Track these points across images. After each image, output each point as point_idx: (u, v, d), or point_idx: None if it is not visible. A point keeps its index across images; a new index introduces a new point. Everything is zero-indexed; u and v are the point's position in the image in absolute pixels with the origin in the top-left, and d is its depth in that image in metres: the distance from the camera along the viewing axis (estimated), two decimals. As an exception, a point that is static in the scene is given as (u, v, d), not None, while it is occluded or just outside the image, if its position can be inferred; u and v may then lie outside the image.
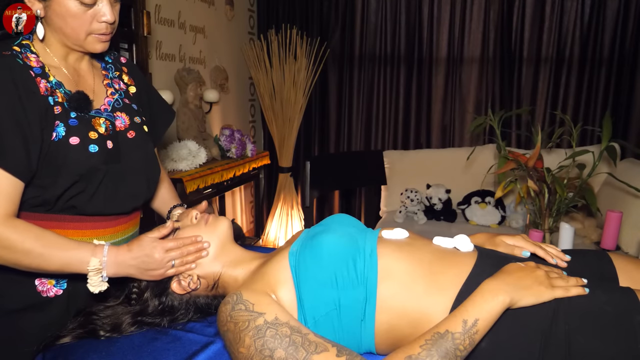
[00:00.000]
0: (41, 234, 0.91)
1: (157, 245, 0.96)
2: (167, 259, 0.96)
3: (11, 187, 0.89)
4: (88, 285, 0.93)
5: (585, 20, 3.10)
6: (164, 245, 0.96)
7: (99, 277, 0.92)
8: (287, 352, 0.77)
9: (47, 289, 1.02)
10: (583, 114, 3.19)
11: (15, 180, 0.89)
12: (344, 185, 3.54)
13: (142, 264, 0.94)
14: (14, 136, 0.88)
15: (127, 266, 0.94)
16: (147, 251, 0.95)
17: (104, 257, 0.93)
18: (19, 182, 0.90)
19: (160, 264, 0.95)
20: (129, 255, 0.94)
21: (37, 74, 0.95)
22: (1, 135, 0.87)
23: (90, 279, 0.92)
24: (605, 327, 0.79)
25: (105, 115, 1.05)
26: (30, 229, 0.90)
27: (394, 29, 3.39)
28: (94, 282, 0.92)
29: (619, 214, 2.03)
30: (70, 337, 0.95)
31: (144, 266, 0.95)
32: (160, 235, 0.98)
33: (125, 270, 0.95)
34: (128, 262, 0.94)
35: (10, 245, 0.88)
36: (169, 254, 0.96)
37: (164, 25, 2.50)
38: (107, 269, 0.93)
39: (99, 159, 0.98)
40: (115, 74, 1.15)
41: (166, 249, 0.96)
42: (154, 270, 0.96)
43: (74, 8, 0.93)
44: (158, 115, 1.27)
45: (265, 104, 3.48)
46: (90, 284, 0.92)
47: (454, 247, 0.97)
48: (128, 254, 0.94)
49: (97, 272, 0.92)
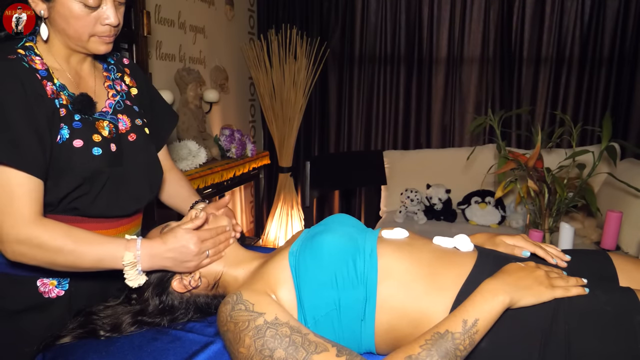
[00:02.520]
0: (71, 230, 0.91)
1: (193, 236, 0.95)
2: (203, 250, 0.96)
3: (34, 187, 0.89)
4: (126, 281, 0.92)
5: (585, 20, 3.10)
6: (200, 236, 0.96)
7: (135, 271, 0.92)
8: (287, 352, 0.77)
9: (49, 289, 1.02)
10: (583, 114, 3.19)
11: (37, 180, 0.90)
12: (344, 185, 3.54)
13: (180, 256, 0.94)
14: (31, 138, 0.88)
15: (162, 258, 0.94)
16: (184, 242, 0.94)
17: (137, 251, 0.92)
18: (39, 181, 0.90)
19: (197, 255, 0.96)
20: (164, 247, 0.94)
21: (43, 77, 0.94)
22: (19, 138, 0.87)
23: (127, 274, 0.92)
24: (605, 327, 0.79)
25: (109, 117, 1.05)
26: (59, 226, 0.90)
27: (394, 29, 3.39)
28: (131, 276, 0.92)
29: (619, 214, 2.03)
30: (70, 337, 0.95)
31: (181, 257, 0.95)
32: (195, 226, 0.98)
33: (160, 263, 0.94)
34: (163, 254, 0.94)
35: (42, 244, 0.87)
36: (205, 244, 0.97)
37: (164, 25, 2.50)
38: (142, 262, 0.92)
39: (102, 161, 0.98)
40: (117, 75, 1.15)
41: (202, 240, 0.96)
42: (189, 262, 0.96)
43: (77, 10, 0.93)
44: (162, 118, 1.27)
45: (265, 104, 3.47)
46: (128, 278, 0.92)
47: (454, 246, 0.97)
48: (163, 246, 0.94)
49: (133, 266, 0.92)
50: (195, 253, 0.95)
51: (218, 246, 1.00)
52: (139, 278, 0.93)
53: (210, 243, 0.98)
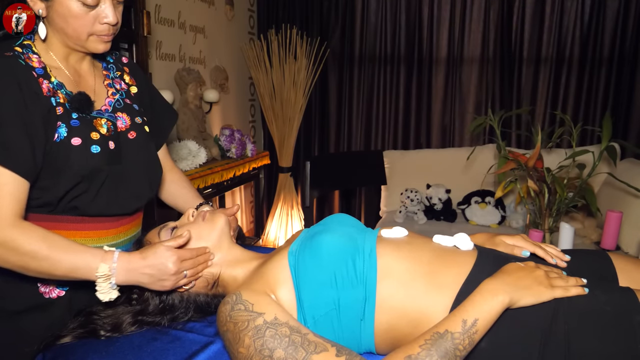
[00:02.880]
0: (48, 236, 0.88)
1: (173, 254, 0.92)
2: (182, 269, 0.93)
3: (18, 187, 0.87)
4: (97, 294, 0.89)
5: (585, 20, 3.10)
6: (180, 255, 0.93)
7: (108, 284, 0.89)
8: (287, 352, 0.77)
9: (50, 290, 1.02)
10: (583, 114, 3.18)
11: (22, 180, 0.88)
12: (344, 185, 3.54)
13: (157, 273, 0.91)
14: (20, 137, 0.87)
15: (139, 274, 0.91)
16: (163, 260, 0.91)
17: (113, 264, 0.89)
18: (25, 183, 0.89)
19: (174, 275, 0.93)
20: (143, 263, 0.91)
21: (39, 75, 0.94)
22: (7, 136, 0.86)
23: (99, 286, 0.89)
24: (605, 327, 0.79)
25: (106, 115, 1.04)
26: (36, 231, 0.88)
27: (394, 29, 3.39)
28: (103, 289, 0.89)
29: (619, 214, 2.03)
30: (70, 337, 0.95)
31: (158, 275, 0.91)
32: (177, 244, 0.95)
33: (136, 278, 0.91)
34: (141, 269, 0.91)
35: (17, 247, 0.85)
36: (184, 264, 0.94)
37: (164, 25, 2.50)
38: (117, 275, 0.89)
39: (101, 159, 0.98)
40: (117, 74, 1.14)
41: (182, 259, 0.93)
42: (166, 281, 0.92)
43: (76, 9, 0.92)
44: (162, 116, 1.26)
45: (265, 104, 3.47)
46: (100, 291, 0.89)
47: (453, 245, 0.97)
48: (142, 262, 0.91)
49: (106, 278, 0.88)
50: (173, 272, 0.92)
51: (196, 267, 0.97)
52: (111, 292, 0.90)
53: (189, 263, 0.95)
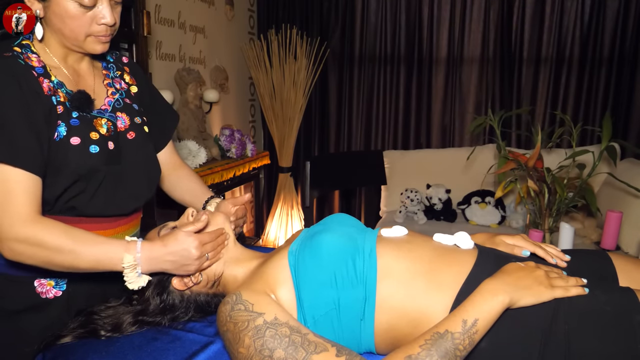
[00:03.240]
0: (70, 230, 0.90)
1: (194, 239, 0.94)
2: (204, 253, 0.96)
3: (32, 185, 0.88)
4: (126, 283, 0.91)
5: (585, 20, 3.10)
6: (201, 239, 0.95)
7: (135, 273, 0.91)
8: (287, 352, 0.77)
9: (47, 290, 1.02)
10: (583, 114, 3.18)
11: (34, 177, 0.89)
12: (344, 185, 3.54)
13: (181, 259, 0.93)
14: (28, 135, 0.88)
15: (162, 261, 0.93)
16: (185, 245, 0.93)
17: (137, 253, 0.91)
18: (38, 179, 0.90)
19: (198, 259, 0.95)
20: (165, 250, 0.92)
21: (39, 74, 0.94)
22: (15, 134, 0.86)
23: (127, 276, 0.90)
24: (605, 327, 0.79)
25: (107, 115, 1.04)
26: (58, 225, 0.89)
27: (394, 29, 3.39)
28: (131, 279, 0.91)
29: (619, 214, 2.03)
30: (70, 337, 0.95)
31: (182, 261, 0.93)
32: (196, 229, 0.97)
33: (160, 266, 0.93)
34: (164, 257, 0.92)
35: (41, 243, 0.86)
36: (205, 247, 0.96)
37: (164, 25, 2.50)
38: (142, 265, 0.91)
39: (99, 159, 0.98)
40: (117, 73, 1.14)
41: (203, 243, 0.95)
42: (190, 265, 0.95)
43: (73, 9, 0.92)
44: (165, 117, 1.26)
45: (265, 104, 3.47)
46: (128, 280, 0.91)
47: (454, 244, 0.97)
48: (163, 249, 0.92)
49: (133, 268, 0.90)
50: (196, 257, 0.94)
51: (216, 248, 1.00)
52: (139, 280, 0.92)
53: (210, 246, 0.97)
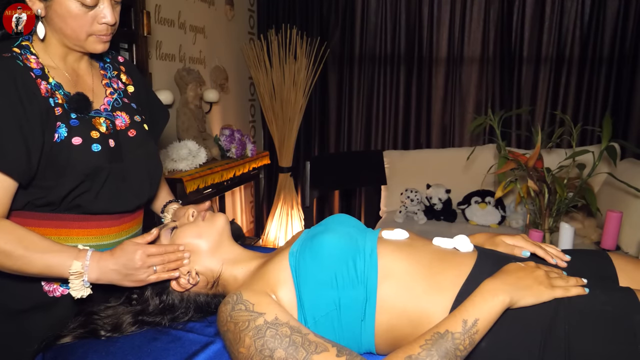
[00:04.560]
0: (25, 235, 0.90)
1: (138, 249, 0.93)
2: (148, 264, 0.94)
3: (6, 188, 0.89)
4: (70, 290, 0.92)
5: (585, 20, 3.10)
6: (146, 250, 0.94)
7: (80, 282, 0.91)
8: (287, 352, 0.77)
9: (53, 288, 1.02)
10: (583, 114, 3.19)
11: (9, 181, 0.89)
12: (344, 185, 3.54)
13: (123, 268, 0.92)
14: (15, 137, 0.88)
15: (108, 271, 0.92)
16: (129, 255, 0.92)
17: (86, 261, 0.91)
18: (14, 184, 0.90)
19: (141, 268, 0.93)
20: (111, 259, 0.93)
21: (37, 76, 0.94)
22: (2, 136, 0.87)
23: (72, 283, 0.91)
24: (605, 327, 0.79)
25: (105, 114, 1.05)
26: (14, 231, 0.89)
27: (394, 29, 3.39)
28: (76, 286, 0.91)
29: (619, 214, 2.03)
30: (70, 337, 0.95)
31: (124, 270, 0.93)
32: (145, 241, 0.96)
33: (107, 276, 0.93)
34: (110, 266, 0.92)
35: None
36: (150, 259, 0.94)
37: (164, 25, 2.50)
38: (89, 273, 0.91)
39: (102, 157, 0.98)
40: (114, 73, 1.15)
41: (148, 254, 0.94)
42: (134, 275, 0.93)
43: (74, 9, 0.93)
44: (157, 116, 1.27)
45: (265, 104, 3.47)
46: (72, 288, 0.91)
47: (453, 247, 0.97)
48: (111, 259, 0.93)
49: (79, 275, 0.90)
50: (138, 266, 0.92)
51: (167, 264, 0.96)
52: (84, 290, 0.92)
53: (157, 259, 0.95)
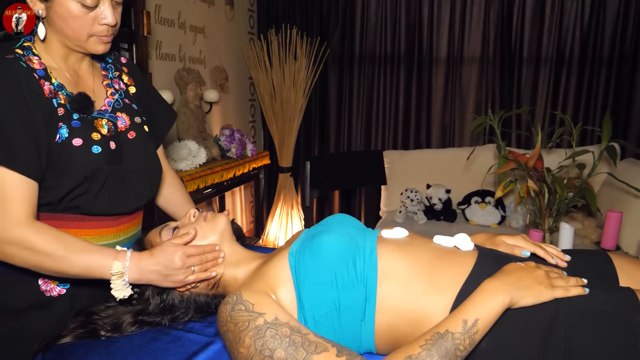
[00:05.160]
0: (63, 236, 0.91)
1: (178, 250, 0.95)
2: (188, 264, 0.96)
3: (28, 189, 0.90)
4: (112, 291, 0.93)
5: (585, 20, 3.10)
6: (186, 251, 0.96)
7: (121, 281, 0.92)
8: (287, 352, 0.77)
9: (51, 288, 1.02)
10: (583, 114, 3.18)
11: (31, 181, 0.90)
12: (344, 185, 3.54)
13: (164, 269, 0.94)
14: (25, 139, 0.88)
15: (149, 271, 0.94)
16: (169, 256, 0.94)
17: (126, 262, 0.93)
18: (34, 184, 0.91)
19: (181, 269, 0.95)
20: (152, 260, 0.94)
21: (40, 77, 0.95)
22: (12, 139, 0.87)
23: (114, 283, 0.92)
24: (605, 327, 0.79)
25: (107, 116, 1.05)
26: (51, 231, 0.91)
27: (394, 29, 3.39)
28: (117, 287, 0.92)
29: (619, 214, 2.03)
30: (70, 337, 0.95)
31: (165, 271, 0.94)
32: (183, 242, 0.98)
33: (146, 276, 0.95)
34: (150, 267, 0.94)
35: (33, 247, 0.88)
36: (190, 259, 0.96)
37: (164, 25, 2.50)
38: (129, 273, 0.93)
39: (102, 159, 0.99)
40: (115, 74, 1.15)
41: (187, 254, 0.96)
42: (174, 276, 0.95)
43: (75, 10, 0.93)
44: (160, 116, 1.27)
45: (265, 104, 3.47)
46: (114, 288, 0.92)
47: (454, 246, 0.97)
48: (150, 259, 0.94)
49: (120, 276, 0.92)
50: (179, 267, 0.95)
51: (205, 264, 0.99)
52: (125, 290, 0.94)
53: (196, 259, 0.97)
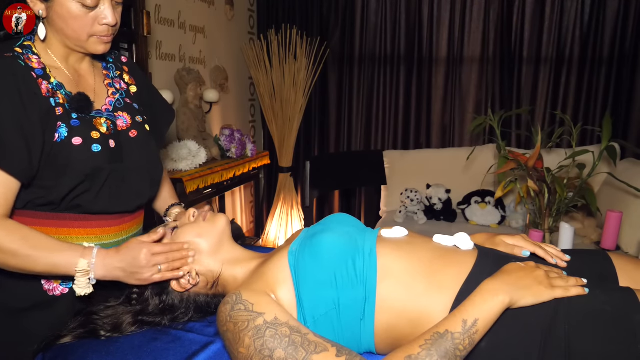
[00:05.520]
0: (30, 234, 0.91)
1: (143, 248, 0.94)
2: (153, 262, 0.94)
3: (9, 188, 0.89)
4: (74, 287, 0.92)
5: (585, 20, 3.10)
6: (151, 249, 0.95)
7: (86, 279, 0.92)
8: (287, 352, 0.77)
9: (53, 287, 1.02)
10: (583, 114, 3.18)
11: (13, 180, 0.90)
12: (344, 185, 3.54)
13: (129, 267, 0.93)
14: (16, 137, 0.88)
15: (114, 268, 0.93)
16: (134, 253, 0.93)
17: (92, 259, 0.92)
18: (16, 183, 0.90)
19: (146, 267, 0.94)
20: (117, 257, 0.93)
21: (38, 76, 0.95)
22: (3, 136, 0.87)
23: (77, 281, 0.92)
24: (605, 327, 0.79)
25: (106, 115, 1.05)
26: (19, 230, 0.90)
27: (394, 29, 3.39)
28: (81, 284, 0.92)
29: (619, 214, 2.03)
30: (70, 337, 0.95)
31: (130, 269, 0.93)
32: (151, 240, 0.97)
33: (112, 273, 0.94)
34: (115, 264, 0.93)
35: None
36: (155, 257, 0.94)
37: (164, 25, 2.50)
38: (95, 271, 0.92)
39: (102, 158, 0.99)
40: (116, 73, 1.15)
41: (152, 252, 0.94)
42: (139, 274, 0.94)
43: (75, 10, 0.93)
44: (160, 117, 1.27)
45: (265, 104, 3.48)
46: (77, 285, 0.92)
47: (454, 245, 0.97)
48: (116, 257, 0.94)
49: (85, 273, 0.91)
50: (143, 265, 0.93)
51: (172, 262, 0.96)
52: (87, 288, 0.93)
53: (162, 258, 0.95)
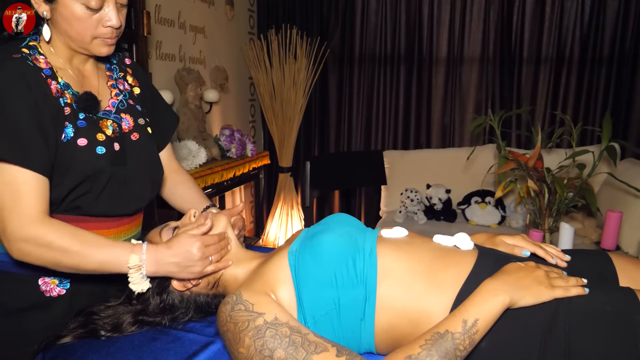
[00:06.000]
0: (77, 231, 0.91)
1: (196, 241, 0.96)
2: (207, 254, 0.96)
3: (40, 186, 0.90)
4: (130, 285, 0.93)
5: (585, 20, 3.10)
6: (204, 241, 0.96)
7: (139, 275, 0.92)
8: (287, 352, 0.77)
9: (50, 288, 1.02)
10: (583, 114, 3.18)
11: (42, 178, 0.90)
12: (344, 185, 3.54)
13: (183, 261, 0.94)
14: (37, 136, 0.89)
15: (167, 263, 0.94)
16: (187, 247, 0.95)
17: (143, 255, 0.92)
18: (46, 180, 0.91)
19: (200, 260, 0.95)
20: (169, 252, 0.94)
21: (47, 76, 0.95)
22: (24, 136, 0.87)
23: (131, 277, 0.92)
24: (605, 327, 0.79)
25: (112, 117, 1.05)
26: (66, 227, 0.91)
27: (394, 29, 3.39)
28: (136, 280, 0.92)
29: (619, 214, 2.03)
30: (70, 337, 0.95)
31: (184, 262, 0.95)
32: (200, 232, 0.99)
33: (164, 268, 0.95)
34: (168, 259, 0.94)
35: (49, 243, 0.88)
36: (208, 249, 0.97)
37: (164, 25, 2.50)
38: (147, 266, 0.93)
39: (105, 160, 0.99)
40: (120, 75, 1.15)
41: (205, 245, 0.96)
42: (193, 267, 0.96)
43: (79, 12, 0.93)
44: (165, 118, 1.27)
45: (265, 104, 3.48)
46: (132, 282, 0.92)
47: (454, 245, 0.97)
48: (168, 251, 0.94)
49: (137, 269, 0.92)
50: (198, 258, 0.95)
51: (220, 251, 1.00)
52: (143, 283, 0.94)
53: (213, 249, 0.98)
